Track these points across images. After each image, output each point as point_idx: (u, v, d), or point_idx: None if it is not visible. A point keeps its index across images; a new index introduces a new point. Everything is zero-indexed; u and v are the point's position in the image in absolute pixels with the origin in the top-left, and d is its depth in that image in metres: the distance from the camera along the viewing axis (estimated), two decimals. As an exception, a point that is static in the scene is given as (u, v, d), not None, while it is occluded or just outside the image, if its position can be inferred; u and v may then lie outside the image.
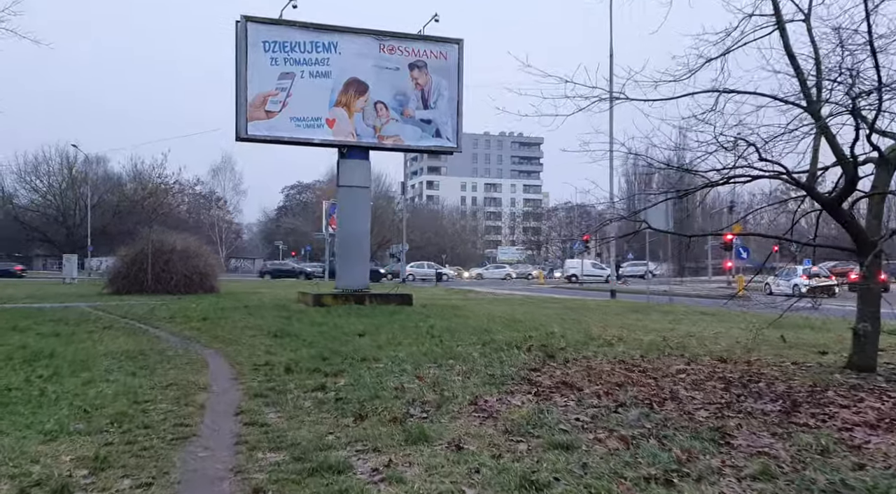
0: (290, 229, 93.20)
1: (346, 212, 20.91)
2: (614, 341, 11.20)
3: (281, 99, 19.88)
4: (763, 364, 8.84)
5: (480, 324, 14.31)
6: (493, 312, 17.93)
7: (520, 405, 6.54)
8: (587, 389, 7.10)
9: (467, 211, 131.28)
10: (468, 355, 9.62)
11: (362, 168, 20.92)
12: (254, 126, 19.73)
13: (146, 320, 16.51)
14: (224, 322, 15.46)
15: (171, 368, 9.16)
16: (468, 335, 12.28)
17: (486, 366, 8.62)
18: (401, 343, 11.28)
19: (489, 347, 10.42)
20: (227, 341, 12.25)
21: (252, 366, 9.22)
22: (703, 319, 15.84)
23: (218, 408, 6.84)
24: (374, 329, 13.59)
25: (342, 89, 20.45)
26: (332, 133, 20.37)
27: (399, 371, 8.44)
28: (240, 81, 19.58)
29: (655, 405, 6.40)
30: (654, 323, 14.72)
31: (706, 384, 7.39)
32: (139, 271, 29.49)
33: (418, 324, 14.27)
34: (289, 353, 10.40)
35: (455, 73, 21.37)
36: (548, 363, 8.89)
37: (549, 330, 12.93)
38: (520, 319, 15.52)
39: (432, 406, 6.55)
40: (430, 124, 21.25)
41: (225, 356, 10.56)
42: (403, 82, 21.00)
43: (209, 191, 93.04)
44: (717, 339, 11.67)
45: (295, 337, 12.50)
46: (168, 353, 10.67)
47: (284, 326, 14.24)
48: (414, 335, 12.39)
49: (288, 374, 8.50)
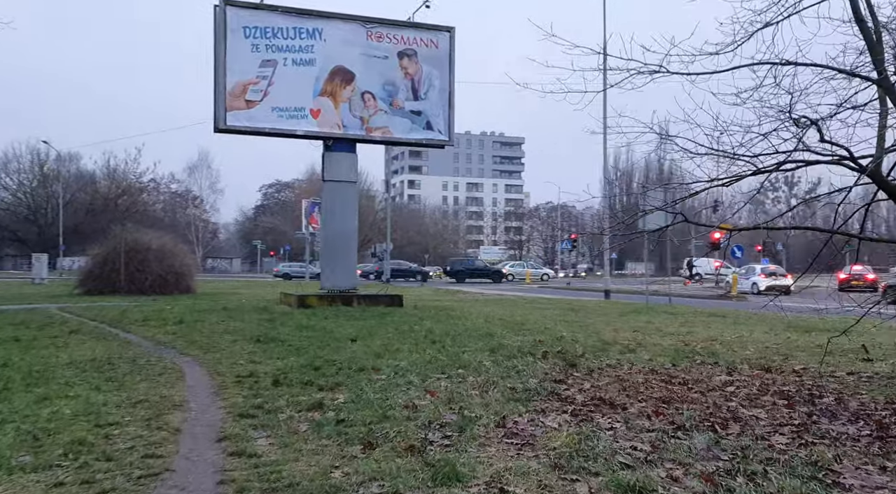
0: (268, 228, 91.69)
1: (332, 209, 19.75)
2: (633, 346, 10.21)
3: (262, 87, 18.71)
4: (814, 374, 7.88)
5: (481, 327, 13.29)
6: (490, 314, 16.92)
7: (557, 427, 5.52)
8: (631, 407, 6.08)
9: (449, 210, 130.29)
10: (478, 363, 8.58)
11: (349, 161, 19.79)
12: (233, 116, 18.54)
13: (117, 323, 15.30)
14: (201, 325, 14.31)
15: (143, 380, 8.03)
16: (471, 339, 11.24)
17: (503, 377, 7.59)
18: (399, 349, 10.22)
19: (499, 354, 9.39)
20: (205, 347, 11.12)
21: (235, 378, 8.11)
22: (715, 321, 14.92)
23: (196, 432, 5.75)
24: (367, 333, 12.51)
25: (327, 78, 19.31)
26: (316, 124, 19.23)
27: (405, 384, 7.38)
28: (218, 69, 18.38)
29: (718, 427, 5.40)
30: (665, 325, 13.77)
31: (763, 400, 6.41)
32: (112, 271, 28.15)
33: (414, 328, 13.22)
34: (275, 362, 9.30)
35: (446, 62, 20.31)
36: (571, 373, 7.87)
37: (558, 334, 11.93)
38: (521, 321, 14.51)
39: (454, 429, 5.50)
40: (421, 116, 20.17)
41: (203, 365, 9.44)
42: (392, 71, 19.91)
43: (185, 189, 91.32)
44: (743, 344, 10.72)
45: (280, 342, 11.39)
46: (139, 362, 9.53)
47: (268, 330, 13.13)
48: (412, 340, 11.33)
49: (277, 388, 7.41)
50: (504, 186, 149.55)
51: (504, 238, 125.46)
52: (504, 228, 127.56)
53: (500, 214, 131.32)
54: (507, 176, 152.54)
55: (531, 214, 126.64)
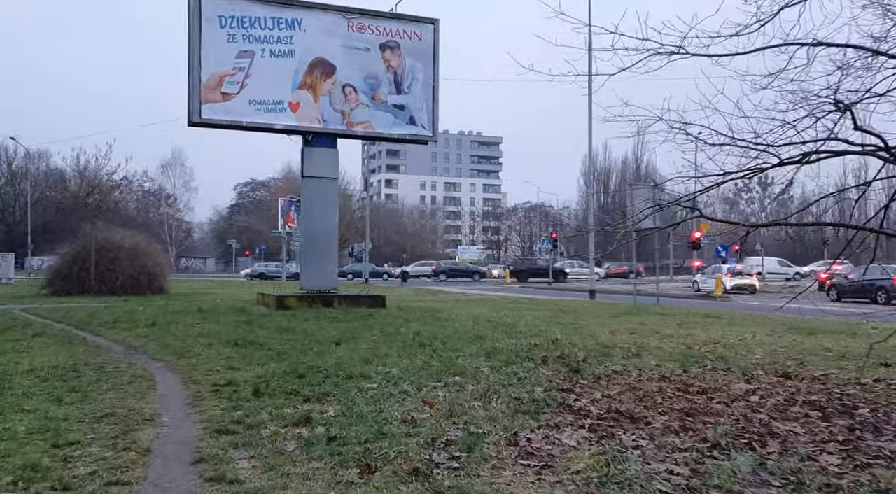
0: (243, 227, 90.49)
1: (312, 206, 19.01)
2: (635, 350, 9.64)
3: (239, 79, 17.94)
4: (837, 381, 7.35)
5: (470, 330, 12.68)
6: (477, 315, 16.31)
7: (576, 445, 4.92)
8: (654, 421, 5.50)
9: (427, 210, 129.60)
10: (475, 370, 7.97)
11: (329, 157, 19.06)
12: (209, 109, 17.75)
13: (85, 326, 14.51)
14: (175, 328, 13.56)
15: (110, 389, 7.32)
16: (462, 343, 10.63)
17: (505, 386, 6.98)
18: (388, 354, 9.59)
19: (496, 359, 8.78)
20: (179, 352, 10.41)
21: (211, 386, 7.43)
22: (711, 323, 14.42)
23: (169, 453, 5.08)
24: (351, 336, 11.85)
25: (307, 70, 18.58)
26: (295, 118, 18.48)
27: (399, 393, 6.74)
28: (193, 60, 17.58)
29: (756, 445, 4.84)
30: (661, 327, 13.23)
31: (793, 411, 5.86)
32: (81, 271, 27.18)
33: (400, 330, 12.58)
34: (256, 368, 8.62)
35: (430, 55, 19.66)
36: (577, 381, 7.28)
37: (553, 336, 11.34)
38: (511, 323, 13.92)
39: (461, 447, 4.88)
40: (404, 110, 19.49)
41: (177, 371, 8.74)
42: (374, 64, 19.22)
43: (159, 187, 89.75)
44: (749, 347, 10.20)
45: (260, 346, 10.71)
46: (107, 368, 8.80)
47: (246, 333, 12.42)
48: (400, 343, 10.70)
49: (258, 398, 6.75)
50: (482, 186, 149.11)
51: (482, 238, 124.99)
52: (482, 228, 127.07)
53: (479, 214, 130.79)
54: (484, 175, 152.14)
55: (509, 214, 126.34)
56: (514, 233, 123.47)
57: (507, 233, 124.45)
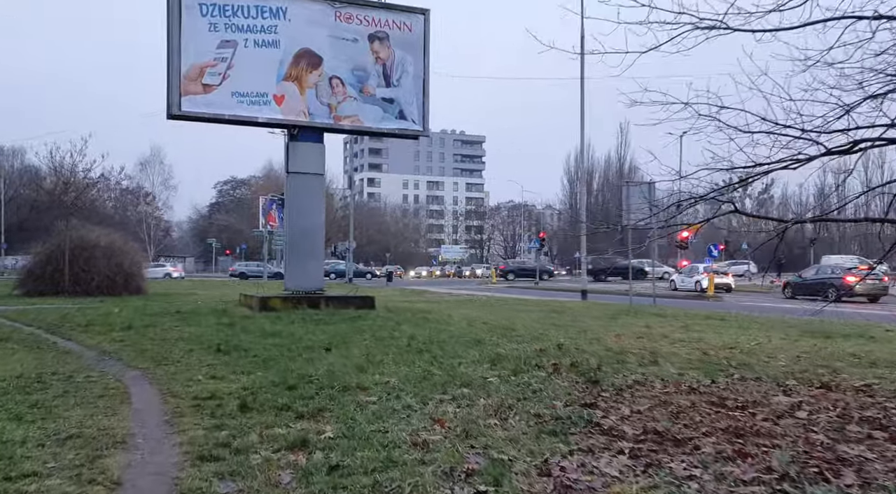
0: (223, 226, 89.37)
1: (297, 203, 18.19)
2: (650, 357, 8.97)
3: (221, 70, 17.10)
4: (885, 393, 6.72)
5: (467, 333, 11.98)
6: (471, 317, 15.61)
7: (619, 476, 4.23)
8: (701, 444, 4.82)
9: (410, 209, 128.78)
10: (482, 380, 7.27)
11: (315, 152, 18.25)
12: (189, 101, 16.89)
13: (56, 329, 13.65)
14: (153, 331, 12.75)
15: (78, 404, 6.55)
16: (462, 348, 9.93)
17: (520, 399, 6.29)
18: (383, 361, 8.87)
19: (502, 367, 8.08)
20: (156, 358, 9.63)
21: (192, 400, 6.68)
22: (717, 325, 13.80)
23: (143, 486, 4.33)
24: (342, 341, 11.11)
25: (292, 61, 17.76)
26: (280, 111, 17.65)
27: (403, 409, 6.03)
28: (172, 49, 16.71)
29: (828, 474, 4.18)
30: (667, 330, 12.59)
31: (852, 430, 5.21)
32: (55, 271, 26.13)
33: (393, 334, 11.85)
34: (241, 377, 7.87)
35: (421, 47, 18.91)
36: (598, 393, 6.59)
37: (555, 340, 10.67)
38: (508, 326, 13.23)
39: (486, 480, 4.18)
40: (393, 104, 18.74)
41: (154, 381, 7.97)
42: (363, 56, 18.44)
43: (137, 185, 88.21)
44: (769, 353, 9.57)
45: (244, 352, 9.94)
46: (77, 379, 8.01)
47: (229, 337, 11.63)
48: (395, 349, 9.97)
49: (245, 414, 6.01)
50: (465, 185, 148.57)
51: (465, 237, 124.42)
52: (465, 227, 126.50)
53: (462, 213, 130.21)
54: (468, 174, 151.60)
55: (492, 213, 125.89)
56: (498, 233, 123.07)
57: (490, 232, 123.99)
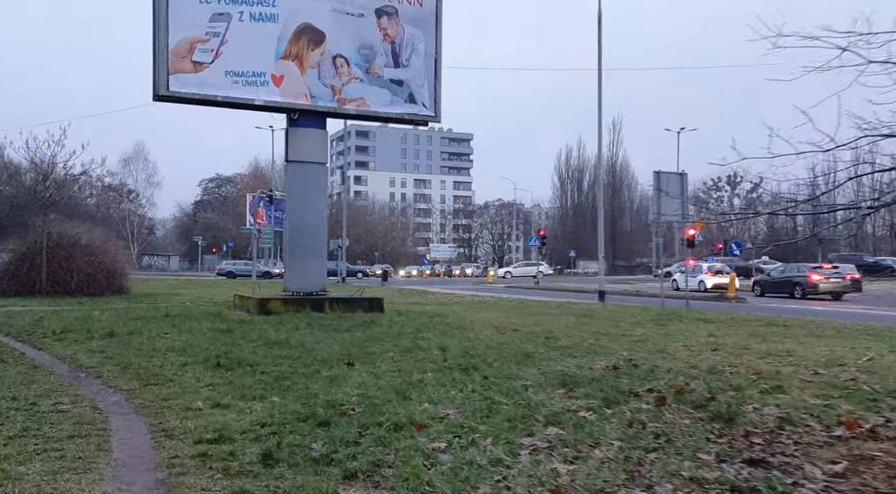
0: (209, 224, 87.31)
1: (297, 195, 16.42)
2: (769, 383, 7.12)
3: (213, 46, 15.34)
4: None
5: (502, 343, 10.34)
6: (495, 321, 13.94)
7: None
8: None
9: (397, 207, 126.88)
10: (570, 414, 5.58)
11: (317, 138, 16.53)
12: (177, 80, 15.11)
13: (27, 336, 11.85)
14: (138, 339, 11.00)
15: (38, 453, 4.82)
16: (511, 364, 8.27)
17: (647, 450, 4.58)
18: (423, 381, 7.20)
19: (585, 395, 6.33)
20: (144, 375, 7.91)
21: (194, 445, 4.97)
22: (786, 332, 12.17)
23: None
24: (362, 352, 9.45)
25: (292, 38, 16.03)
26: (279, 92, 15.90)
27: (490, 464, 4.33)
28: (159, 21, 14.93)
29: None
30: (739, 339, 10.83)
31: None
32: (31, 269, 24.26)
33: (418, 343, 10.18)
34: (252, 405, 6.20)
35: (433, 23, 17.23)
36: (749, 439, 4.89)
37: (618, 353, 9.07)
38: (546, 334, 11.59)
39: None
40: (402, 86, 17.04)
41: (142, 410, 6.26)
42: (369, 32, 16.74)
43: (120, 182, 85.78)
44: (889, 367, 7.96)
45: (250, 367, 8.25)
46: (42, 407, 6.30)
47: (228, 347, 9.93)
48: (430, 364, 8.33)
49: (271, 471, 4.33)
50: (452, 183, 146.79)
51: (453, 236, 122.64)
52: (453, 226, 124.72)
53: (450, 212, 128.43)
54: (455, 172, 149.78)
55: (481, 212, 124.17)
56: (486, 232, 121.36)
57: (478, 231, 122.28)
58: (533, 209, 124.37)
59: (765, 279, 35.01)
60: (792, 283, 31.80)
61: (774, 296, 31.74)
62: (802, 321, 14.60)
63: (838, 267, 35.12)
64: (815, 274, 31.04)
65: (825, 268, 33.22)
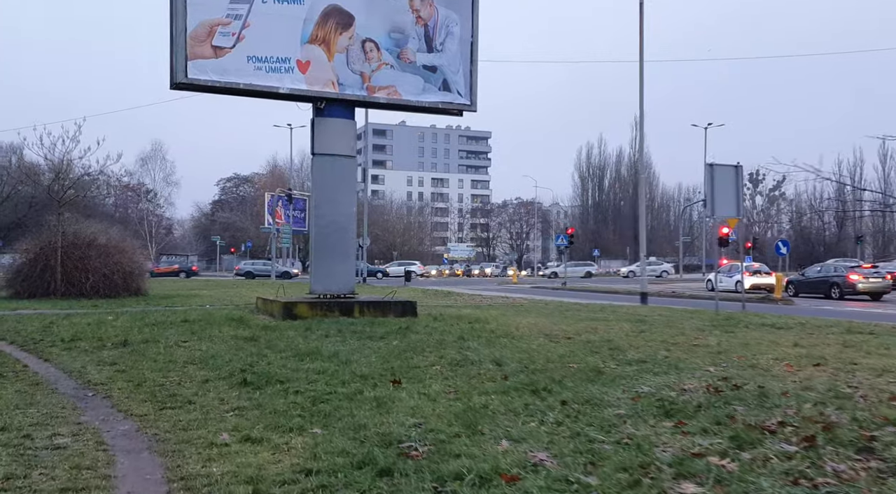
0: (226, 224, 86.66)
1: (324, 190, 15.19)
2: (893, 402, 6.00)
3: (234, 30, 14.19)
4: None
5: (561, 355, 9.10)
6: (541, 328, 12.69)
7: None
8: None
9: (415, 206, 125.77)
10: (698, 460, 4.35)
11: (346, 129, 15.33)
12: (196, 67, 13.98)
13: (34, 345, 10.77)
14: (154, 349, 9.89)
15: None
16: (586, 383, 7.05)
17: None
18: (491, 408, 6.00)
19: (706, 432, 5.09)
20: (160, 395, 6.80)
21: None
22: (878, 342, 10.87)
23: None
24: (404, 365, 8.29)
25: (319, 20, 14.86)
26: (304, 80, 14.72)
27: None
28: (176, 3, 13.83)
29: None
30: (833, 351, 9.45)
31: None
32: (45, 269, 23.33)
33: (466, 356, 8.97)
34: (291, 439, 5.07)
35: (468, 4, 15.98)
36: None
37: (703, 368, 7.84)
38: (607, 344, 10.36)
39: None
40: (436, 73, 15.82)
41: (157, 446, 5.11)
42: (401, 14, 15.52)
43: (138, 182, 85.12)
44: None
45: (281, 385, 7.11)
46: (36, 440, 5.18)
47: (254, 360, 8.79)
48: (489, 383, 7.14)
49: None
50: (470, 182, 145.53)
51: (471, 235, 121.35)
52: (470, 225, 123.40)
53: (467, 210, 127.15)
54: (473, 171, 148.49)
55: (499, 210, 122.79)
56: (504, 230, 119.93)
57: (496, 229, 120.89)
58: (552, 208, 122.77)
59: (799, 279, 34.48)
60: (829, 283, 31.15)
61: (809, 297, 31.05)
62: (885, 327, 13.23)
63: (878, 267, 34.46)
64: (854, 274, 30.44)
65: (864, 268, 32.67)
